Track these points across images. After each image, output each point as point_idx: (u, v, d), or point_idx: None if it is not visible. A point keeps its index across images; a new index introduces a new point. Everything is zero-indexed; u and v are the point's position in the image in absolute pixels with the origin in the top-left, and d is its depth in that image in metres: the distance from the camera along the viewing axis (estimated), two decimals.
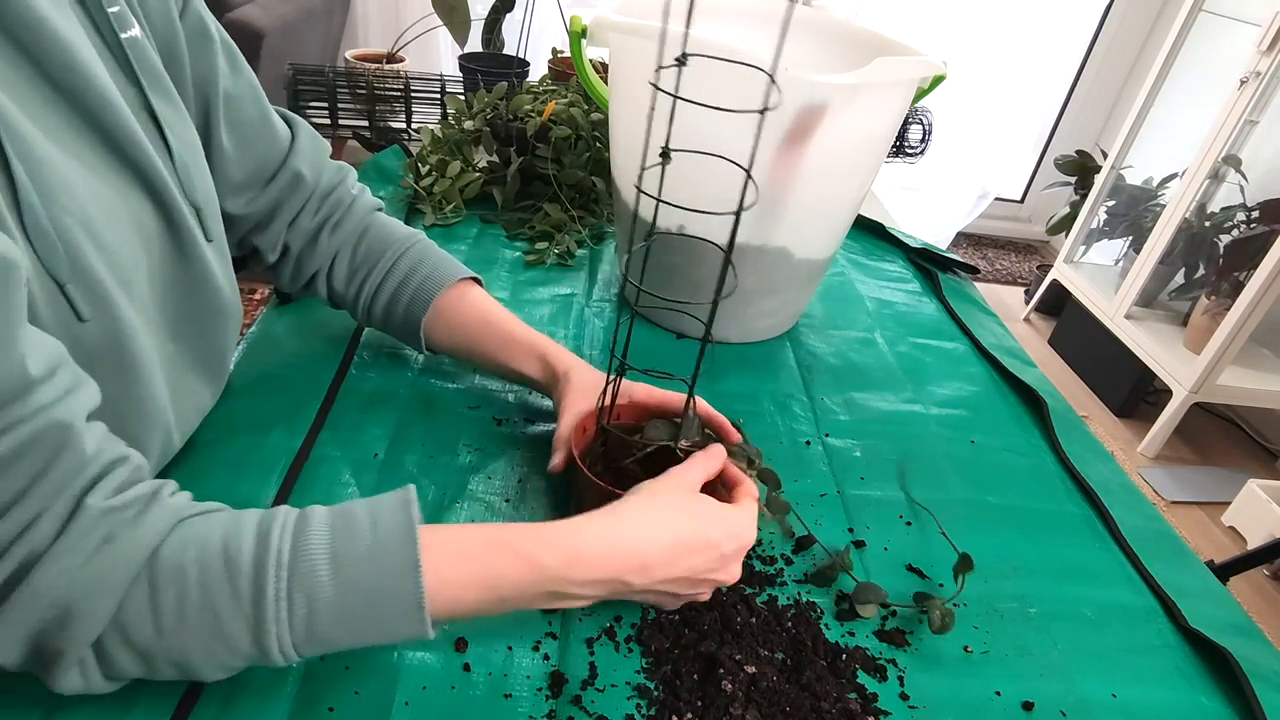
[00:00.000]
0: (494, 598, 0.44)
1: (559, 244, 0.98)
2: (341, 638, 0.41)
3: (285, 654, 0.40)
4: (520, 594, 0.44)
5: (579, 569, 0.45)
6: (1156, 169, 2.38)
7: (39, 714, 0.43)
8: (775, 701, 0.47)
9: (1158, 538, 0.68)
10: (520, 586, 0.44)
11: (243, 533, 0.40)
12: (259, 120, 0.61)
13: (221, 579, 0.38)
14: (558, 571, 0.44)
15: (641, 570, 0.46)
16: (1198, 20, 2.20)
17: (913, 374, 0.86)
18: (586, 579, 0.45)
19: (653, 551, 0.47)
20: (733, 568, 0.50)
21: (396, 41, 1.36)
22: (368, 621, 0.41)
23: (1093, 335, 2.39)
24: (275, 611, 0.38)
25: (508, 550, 0.44)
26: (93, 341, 0.44)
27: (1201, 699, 0.54)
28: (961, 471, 0.72)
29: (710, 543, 0.48)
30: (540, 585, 0.44)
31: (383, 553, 0.41)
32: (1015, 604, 0.59)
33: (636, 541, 0.47)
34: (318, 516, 0.42)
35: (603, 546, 0.46)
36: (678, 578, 0.48)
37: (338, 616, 0.40)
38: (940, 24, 2.68)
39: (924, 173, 2.86)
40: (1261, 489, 1.84)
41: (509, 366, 0.67)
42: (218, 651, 0.39)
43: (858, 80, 0.64)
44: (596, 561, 0.46)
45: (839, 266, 1.07)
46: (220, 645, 0.39)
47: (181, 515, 0.40)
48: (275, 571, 0.39)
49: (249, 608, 0.38)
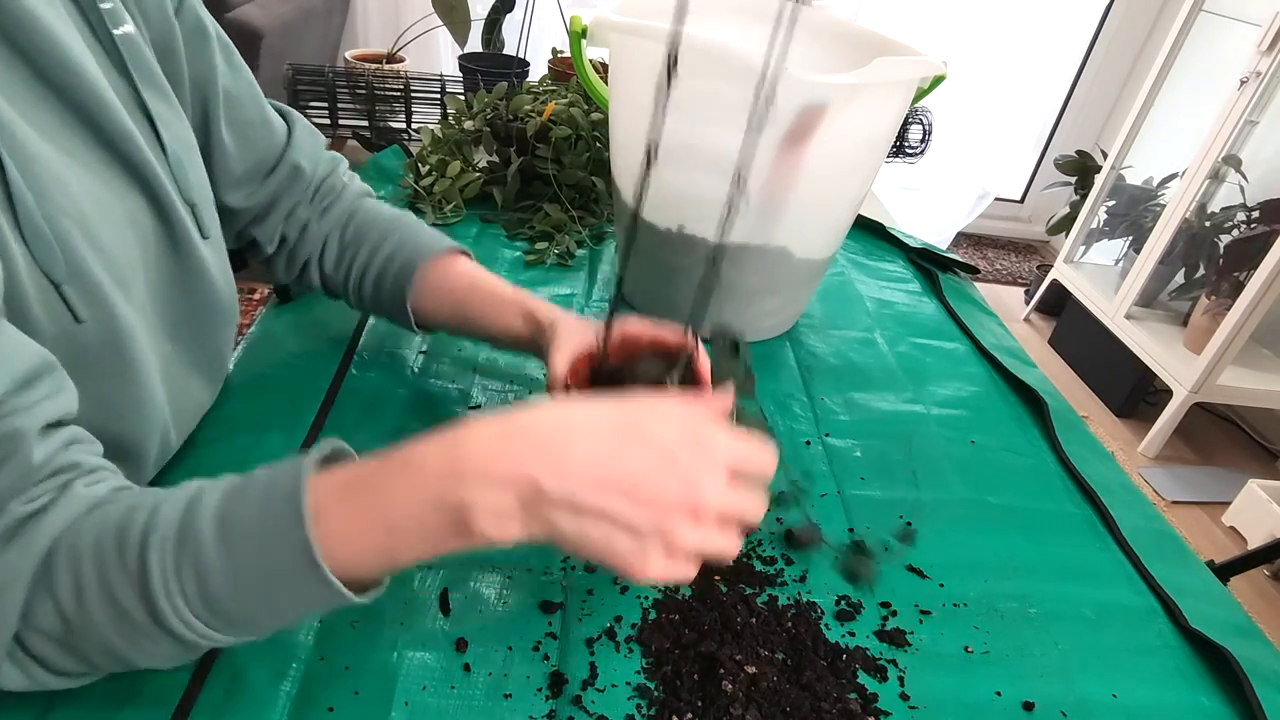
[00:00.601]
0: (383, 528, 0.36)
1: (559, 244, 0.98)
2: (253, 609, 0.37)
3: (195, 630, 0.36)
4: (409, 516, 0.36)
5: (470, 464, 0.36)
6: (1156, 169, 2.38)
7: (35, 713, 0.43)
8: (775, 702, 0.47)
9: (1158, 538, 0.68)
10: (407, 505, 0.36)
11: (141, 508, 0.37)
12: (258, 117, 0.61)
13: (113, 558, 0.35)
14: (443, 469, 0.36)
15: (555, 468, 0.36)
16: (1198, 20, 2.20)
17: (913, 374, 0.86)
18: (481, 478, 0.36)
19: (569, 441, 0.37)
20: (703, 486, 0.38)
21: (396, 41, 1.36)
22: (271, 589, 0.36)
23: (1093, 335, 2.39)
24: (163, 587, 0.35)
25: (388, 463, 0.37)
26: (90, 342, 0.43)
27: (1201, 699, 0.54)
28: (961, 471, 0.72)
29: (654, 439, 0.38)
30: (427, 496, 0.36)
31: (269, 510, 0.36)
32: (1015, 604, 0.59)
33: (548, 429, 0.37)
34: (218, 484, 0.38)
35: (497, 434, 0.37)
36: (612, 484, 0.36)
37: (234, 588, 0.36)
38: (940, 24, 2.68)
39: (924, 173, 2.86)
40: (1262, 489, 1.84)
41: (498, 326, 0.64)
42: (131, 635, 0.36)
43: (858, 80, 0.64)
44: (490, 452, 0.36)
45: (839, 266, 1.07)
46: (129, 627, 0.36)
47: (93, 503, 0.38)
48: (160, 545, 0.35)
49: (137, 584, 0.35)
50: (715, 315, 0.84)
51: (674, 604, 0.54)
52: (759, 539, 0.61)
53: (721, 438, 0.40)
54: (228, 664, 0.46)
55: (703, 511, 0.38)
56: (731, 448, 0.40)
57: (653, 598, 0.54)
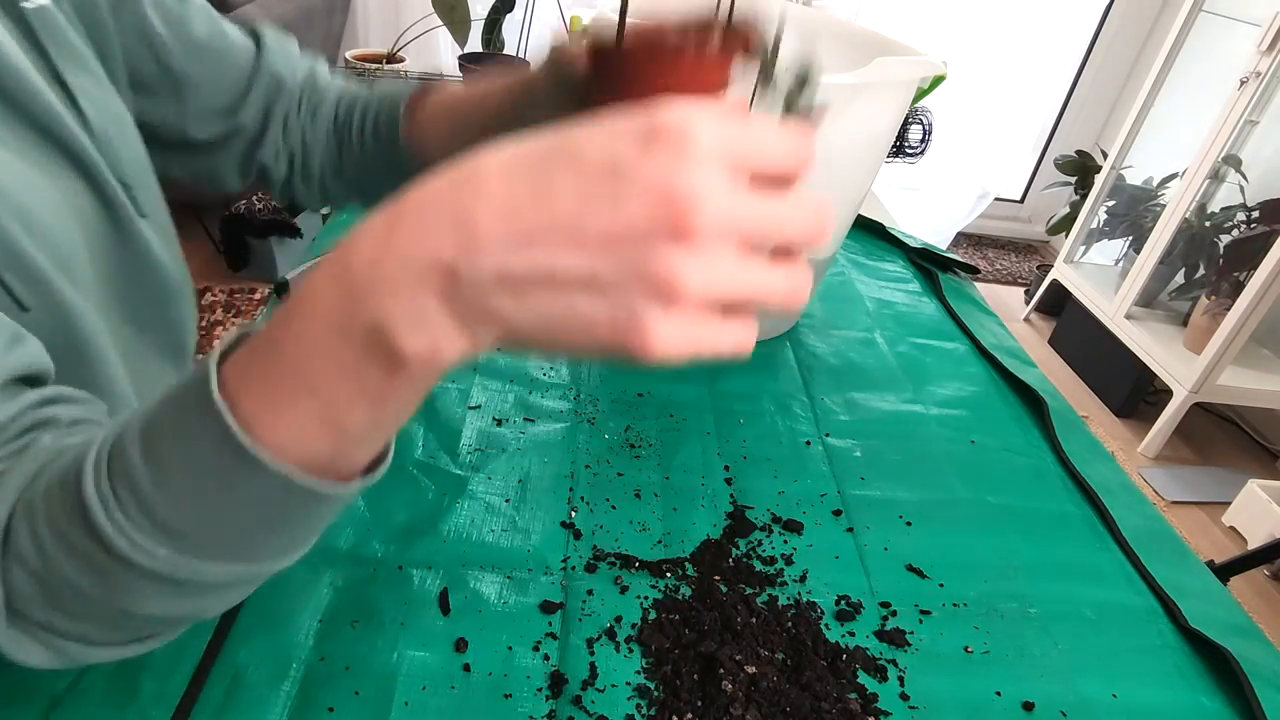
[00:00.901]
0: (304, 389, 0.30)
1: None
2: (201, 519, 0.32)
3: (158, 557, 0.32)
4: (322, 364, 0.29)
5: (362, 273, 0.28)
6: (1156, 169, 2.38)
7: (39, 713, 0.43)
8: (775, 702, 0.47)
9: (1158, 538, 0.68)
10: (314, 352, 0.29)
11: (88, 444, 0.34)
12: (212, 34, 0.58)
13: (57, 501, 0.33)
14: (337, 292, 0.29)
15: (464, 238, 0.27)
16: (1198, 20, 2.20)
17: (913, 374, 0.86)
18: (381, 284, 0.28)
19: (476, 200, 0.27)
20: (681, 188, 0.25)
21: (396, 41, 1.36)
22: (207, 491, 0.31)
23: (1093, 335, 2.39)
24: (103, 512, 0.31)
25: (284, 313, 0.30)
26: (40, 331, 0.42)
27: (1201, 699, 0.54)
28: (961, 471, 0.72)
29: (590, 154, 0.26)
30: (331, 329, 0.29)
31: (183, 407, 0.31)
32: (1015, 604, 0.59)
33: (445, 194, 0.28)
34: (148, 403, 0.34)
35: (385, 224, 0.28)
36: (542, 232, 0.26)
37: (171, 496, 0.32)
38: (940, 24, 2.68)
39: (924, 173, 2.86)
40: (1262, 489, 1.84)
41: (510, 99, 0.55)
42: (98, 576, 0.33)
43: (858, 80, 0.64)
44: (380, 248, 0.28)
45: (839, 266, 1.07)
46: (90, 568, 0.33)
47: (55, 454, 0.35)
48: (94, 471, 0.32)
49: (79, 517, 0.32)
50: None
51: (674, 604, 0.54)
52: (759, 538, 0.61)
53: (708, 124, 0.26)
54: (228, 664, 0.46)
55: (691, 226, 0.25)
56: (729, 134, 0.26)
57: (653, 598, 0.54)
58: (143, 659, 0.45)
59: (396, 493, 0.60)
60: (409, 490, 0.61)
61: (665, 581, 0.56)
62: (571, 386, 0.75)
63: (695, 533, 0.60)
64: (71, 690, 0.44)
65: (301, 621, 0.50)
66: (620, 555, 0.58)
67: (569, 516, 0.61)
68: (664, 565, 0.57)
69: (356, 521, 0.57)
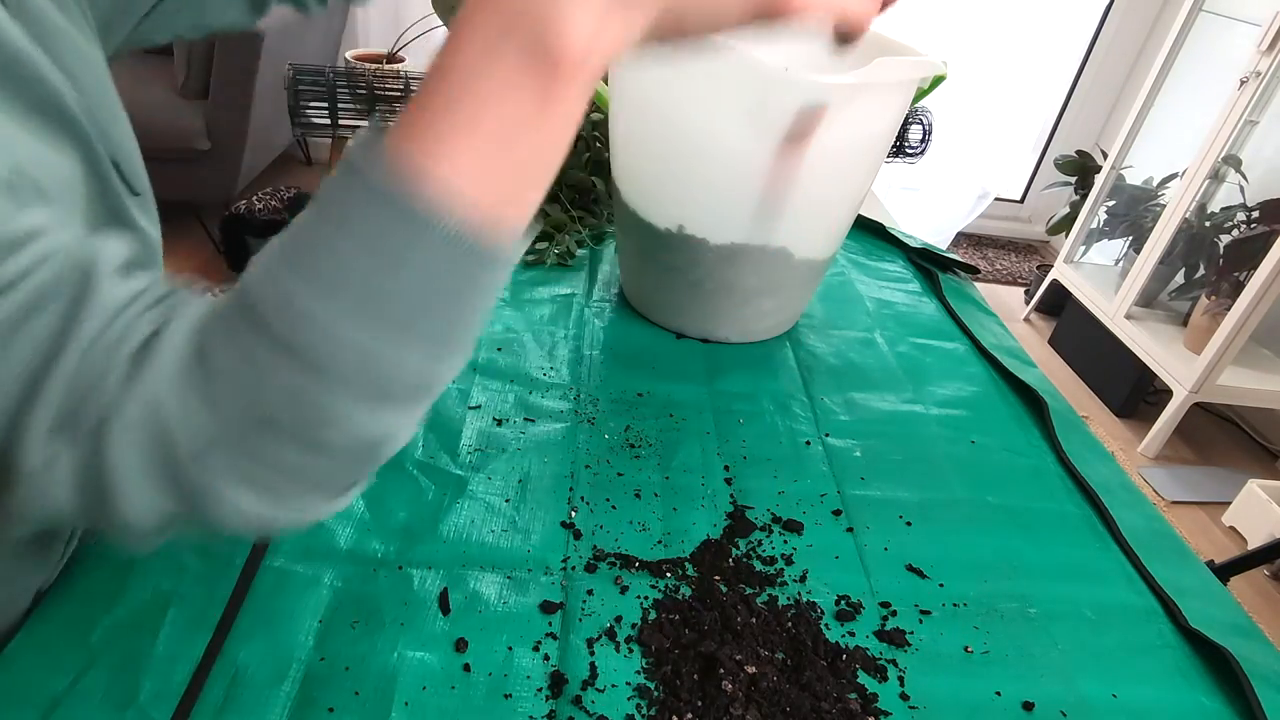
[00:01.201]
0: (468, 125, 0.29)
1: (559, 244, 0.98)
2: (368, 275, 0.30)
3: (342, 343, 0.30)
4: (487, 82, 0.29)
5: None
6: (1156, 169, 2.38)
7: (38, 713, 0.43)
8: (775, 701, 0.47)
9: (1158, 538, 0.68)
10: (477, 67, 0.29)
11: (251, 269, 0.32)
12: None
13: (227, 308, 0.31)
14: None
15: None
16: (1198, 20, 2.20)
17: (913, 374, 0.86)
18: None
19: None
20: None
21: (396, 41, 1.36)
22: (383, 263, 0.30)
23: (1093, 335, 2.39)
24: (262, 284, 0.30)
25: (444, 49, 0.31)
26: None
27: (1201, 699, 0.54)
28: (961, 471, 0.72)
29: None
30: (493, 35, 0.29)
31: (351, 166, 0.30)
32: (1015, 604, 0.59)
33: None
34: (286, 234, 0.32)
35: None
36: None
37: (334, 255, 0.30)
38: (940, 24, 2.68)
39: (924, 173, 2.86)
40: (1262, 489, 1.84)
41: None
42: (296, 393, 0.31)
43: (858, 80, 0.64)
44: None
45: (839, 266, 1.07)
46: (290, 380, 0.30)
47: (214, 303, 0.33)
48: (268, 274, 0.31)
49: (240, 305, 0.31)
50: (714, 316, 0.84)
51: (674, 604, 0.54)
52: (759, 538, 0.61)
53: None
54: (228, 664, 0.46)
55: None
56: None
57: (653, 598, 0.54)
58: (143, 659, 0.46)
59: (396, 493, 0.60)
60: (409, 490, 0.61)
61: (665, 581, 0.56)
62: (571, 386, 0.75)
63: (695, 533, 0.60)
64: (71, 690, 0.44)
65: (301, 621, 0.50)
66: (620, 555, 0.58)
67: (569, 516, 0.61)
68: (664, 565, 0.57)
69: (356, 521, 0.57)
